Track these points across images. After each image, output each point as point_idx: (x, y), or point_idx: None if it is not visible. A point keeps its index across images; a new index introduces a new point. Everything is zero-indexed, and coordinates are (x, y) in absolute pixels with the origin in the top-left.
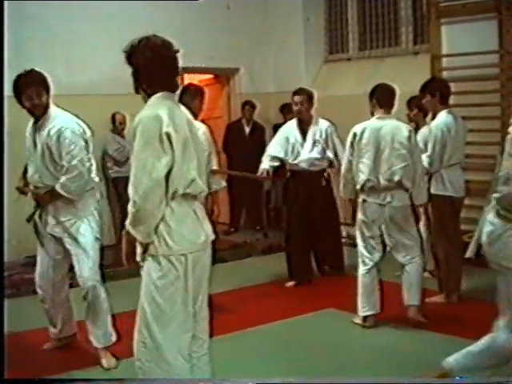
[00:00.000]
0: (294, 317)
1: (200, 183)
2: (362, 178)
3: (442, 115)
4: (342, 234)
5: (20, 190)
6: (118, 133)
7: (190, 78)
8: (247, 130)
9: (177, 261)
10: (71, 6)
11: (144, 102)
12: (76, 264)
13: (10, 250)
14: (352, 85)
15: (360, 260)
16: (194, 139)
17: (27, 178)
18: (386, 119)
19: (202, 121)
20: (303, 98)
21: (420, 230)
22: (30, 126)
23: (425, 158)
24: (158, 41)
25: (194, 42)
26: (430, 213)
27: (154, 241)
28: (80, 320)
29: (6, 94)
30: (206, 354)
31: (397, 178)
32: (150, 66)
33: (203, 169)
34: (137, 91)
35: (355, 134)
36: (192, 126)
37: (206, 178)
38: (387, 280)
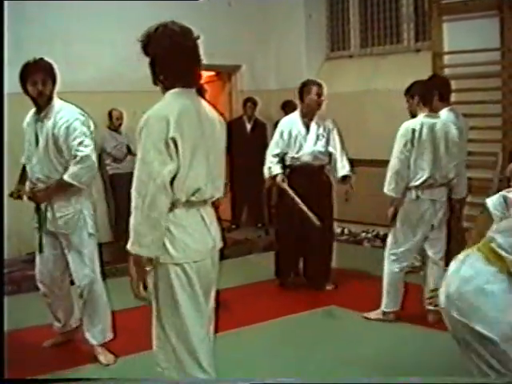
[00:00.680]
0: (296, 314)
1: (208, 190)
2: (423, 174)
3: (444, 113)
4: (334, 234)
5: (15, 195)
6: (115, 129)
7: None
8: (249, 127)
9: (180, 269)
10: (70, 4)
11: (162, 94)
12: (70, 261)
13: (11, 246)
14: (354, 82)
15: (393, 258)
16: (209, 140)
17: (26, 172)
18: (435, 117)
19: None
20: (323, 91)
21: None
22: (29, 117)
23: None
24: (176, 28)
25: None
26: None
27: None
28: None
29: (6, 92)
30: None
31: (451, 176)
32: (167, 55)
33: (217, 171)
34: (155, 83)
35: (414, 130)
36: (211, 126)
37: (220, 181)
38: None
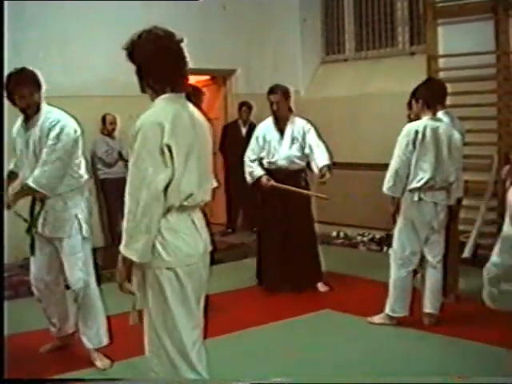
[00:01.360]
0: (291, 318)
1: (200, 195)
2: (424, 176)
3: (439, 116)
4: (317, 238)
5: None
6: (108, 134)
7: None
8: (244, 130)
9: (172, 273)
10: (67, 8)
11: (152, 101)
12: (65, 265)
13: (8, 251)
14: (349, 85)
15: (400, 262)
16: (200, 144)
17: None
18: (438, 120)
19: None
20: (279, 96)
21: None
22: (18, 126)
23: None
24: (160, 32)
25: (190, 43)
26: None
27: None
28: None
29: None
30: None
31: (452, 179)
32: (154, 59)
33: (207, 176)
34: (143, 90)
35: (417, 132)
36: (201, 130)
37: (209, 184)
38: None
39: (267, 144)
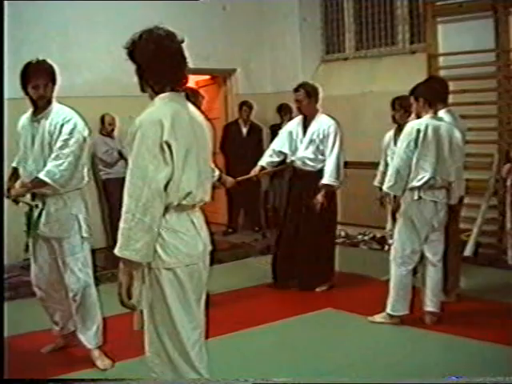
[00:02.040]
0: (293, 317)
1: (198, 194)
2: (425, 175)
3: (441, 115)
4: (334, 242)
5: (14, 199)
6: (107, 134)
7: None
8: (244, 130)
9: (172, 274)
10: (66, 8)
11: (151, 100)
12: (65, 265)
13: (8, 252)
14: (349, 84)
15: (400, 261)
16: (199, 143)
17: (16, 174)
18: (439, 119)
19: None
20: (301, 95)
21: None
22: (25, 119)
23: None
24: (161, 32)
25: (190, 43)
26: None
27: None
28: None
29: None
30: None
31: (452, 179)
32: (155, 59)
33: (206, 176)
34: (143, 90)
35: (419, 131)
36: (200, 129)
37: (208, 184)
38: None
39: (293, 141)
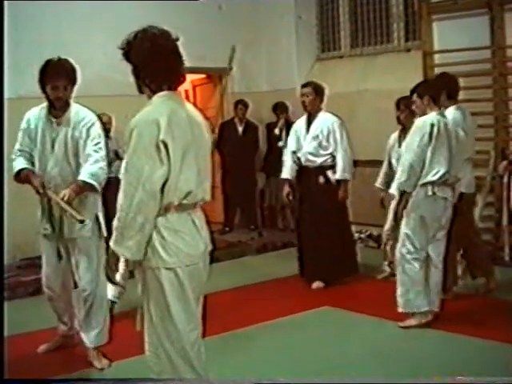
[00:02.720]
0: (290, 315)
1: (199, 193)
2: (441, 169)
3: (451, 111)
4: (351, 234)
5: (42, 194)
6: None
7: None
8: (240, 129)
9: (172, 273)
10: (62, 7)
11: (149, 99)
12: (78, 265)
13: (6, 252)
14: (345, 82)
15: (410, 257)
16: (197, 142)
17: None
18: (444, 116)
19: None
20: (308, 91)
21: None
22: (40, 119)
23: None
24: (155, 31)
25: (185, 42)
26: None
27: (148, 253)
28: None
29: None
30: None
31: (461, 175)
32: (151, 59)
33: (206, 174)
34: (140, 90)
35: (433, 125)
36: (198, 127)
37: (208, 183)
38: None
39: (299, 139)
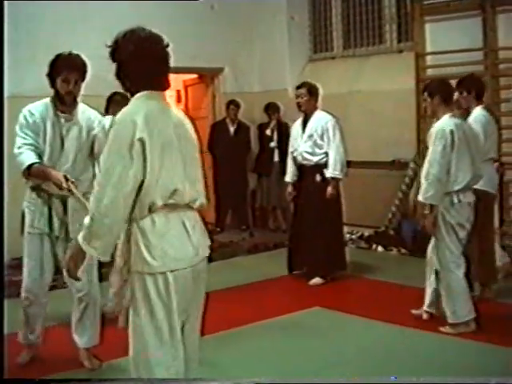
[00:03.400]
0: (280, 316)
1: (187, 193)
2: (466, 177)
3: (477, 111)
4: (342, 232)
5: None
6: None
7: (174, 78)
8: (232, 129)
9: (158, 279)
10: (53, 7)
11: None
12: None
13: None
14: (337, 83)
15: (453, 265)
16: (182, 142)
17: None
18: (458, 117)
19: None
20: (303, 92)
21: None
22: (48, 114)
23: None
24: (142, 34)
25: (178, 42)
26: None
27: (133, 256)
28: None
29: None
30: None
31: (482, 176)
32: (132, 60)
33: (195, 174)
34: (124, 89)
35: (452, 132)
36: (182, 127)
37: (201, 185)
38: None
39: (296, 139)
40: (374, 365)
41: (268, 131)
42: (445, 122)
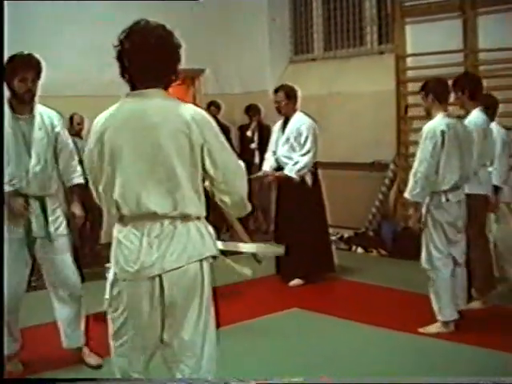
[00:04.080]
0: (259, 317)
1: (146, 205)
2: (453, 177)
3: (474, 113)
4: (328, 233)
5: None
6: (76, 134)
7: None
8: None
9: (121, 283)
10: (38, 7)
11: None
12: (56, 266)
13: None
14: (317, 85)
15: (440, 263)
16: (151, 144)
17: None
18: (451, 117)
19: None
20: (281, 96)
21: None
22: (9, 119)
23: None
24: (135, 27)
25: None
26: None
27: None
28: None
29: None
30: None
31: (471, 176)
32: (125, 55)
33: (169, 184)
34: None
35: (443, 132)
36: (153, 129)
37: (180, 193)
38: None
39: (276, 142)
40: (351, 366)
41: (249, 132)
42: (437, 122)
